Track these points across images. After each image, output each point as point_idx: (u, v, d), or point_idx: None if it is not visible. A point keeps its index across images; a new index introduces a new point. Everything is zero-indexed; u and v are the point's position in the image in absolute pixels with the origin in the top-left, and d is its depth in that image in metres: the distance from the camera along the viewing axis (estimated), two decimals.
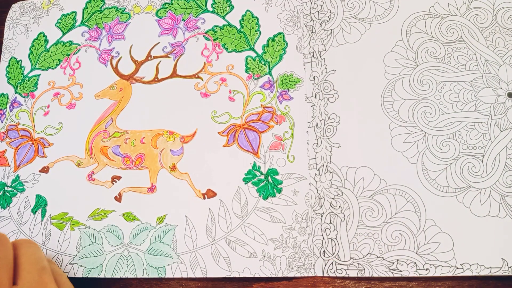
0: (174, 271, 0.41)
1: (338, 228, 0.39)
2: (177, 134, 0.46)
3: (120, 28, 0.51)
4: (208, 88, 0.47)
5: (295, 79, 0.45)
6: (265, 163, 0.43)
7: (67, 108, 0.49)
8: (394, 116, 0.42)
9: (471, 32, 0.43)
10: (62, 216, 0.45)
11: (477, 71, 0.42)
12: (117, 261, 0.42)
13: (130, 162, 0.46)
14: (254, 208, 0.41)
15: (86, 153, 0.47)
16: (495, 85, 0.41)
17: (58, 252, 0.44)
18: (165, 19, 0.51)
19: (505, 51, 0.42)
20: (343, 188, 0.40)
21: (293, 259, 0.39)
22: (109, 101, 0.49)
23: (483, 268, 0.37)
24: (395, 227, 0.39)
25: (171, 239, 0.42)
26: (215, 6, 0.50)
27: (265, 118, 0.44)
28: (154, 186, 0.44)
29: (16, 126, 0.50)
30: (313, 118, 0.43)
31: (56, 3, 0.55)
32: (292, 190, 0.41)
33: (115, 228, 0.44)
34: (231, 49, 0.48)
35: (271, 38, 0.47)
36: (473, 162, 0.39)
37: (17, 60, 0.53)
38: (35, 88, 0.51)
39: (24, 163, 0.48)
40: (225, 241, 0.41)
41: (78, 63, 0.51)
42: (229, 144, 0.44)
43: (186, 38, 0.49)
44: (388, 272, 0.38)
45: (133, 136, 0.47)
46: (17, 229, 0.46)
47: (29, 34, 0.54)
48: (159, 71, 0.49)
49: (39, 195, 0.46)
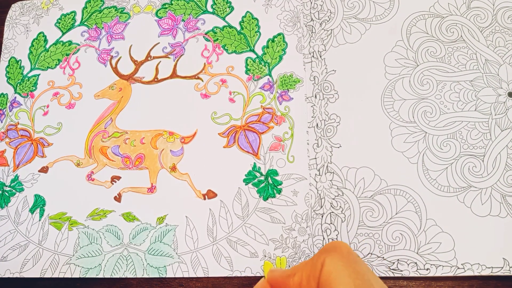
0: (175, 271, 0.41)
1: (339, 229, 0.39)
2: (177, 135, 0.46)
3: (119, 28, 0.51)
4: (208, 89, 0.47)
5: (295, 80, 0.45)
6: (265, 164, 0.43)
7: (66, 108, 0.49)
8: (395, 116, 0.42)
9: (471, 31, 0.43)
10: (61, 216, 0.45)
11: (478, 70, 0.42)
12: (116, 261, 0.42)
13: (129, 162, 0.46)
14: (255, 209, 0.41)
15: (85, 153, 0.47)
16: (495, 85, 0.41)
17: (54, 252, 0.44)
18: (165, 20, 0.51)
19: (505, 51, 0.42)
20: (344, 189, 0.40)
21: (293, 259, 0.39)
22: (108, 101, 0.49)
23: (484, 268, 0.37)
24: (396, 227, 0.39)
25: (171, 239, 0.42)
26: (215, 7, 0.50)
27: (265, 119, 0.44)
28: (154, 186, 0.44)
29: (15, 126, 0.50)
30: (313, 118, 0.43)
31: (55, 3, 0.55)
32: (292, 191, 0.41)
33: (115, 228, 0.44)
34: (231, 51, 0.48)
35: (270, 39, 0.47)
36: (474, 162, 0.39)
37: (16, 60, 0.53)
38: (35, 88, 0.51)
39: (24, 163, 0.48)
40: (227, 241, 0.41)
41: (77, 63, 0.51)
42: (230, 145, 0.44)
43: (186, 39, 0.49)
44: (389, 272, 0.38)
45: (132, 136, 0.47)
46: (14, 228, 0.46)
47: (29, 34, 0.54)
48: (159, 72, 0.49)
49: (37, 195, 0.46)
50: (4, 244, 0.45)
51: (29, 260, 0.44)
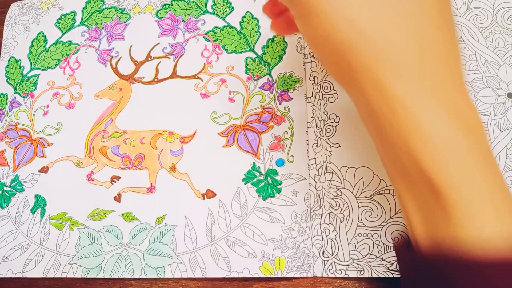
0: (173, 271, 0.41)
1: (338, 229, 0.39)
2: (176, 135, 0.46)
3: (119, 28, 0.51)
4: (208, 89, 0.47)
5: (295, 79, 0.45)
6: (264, 163, 0.43)
7: (66, 108, 0.49)
8: None
9: (470, 32, 0.43)
10: (61, 216, 0.45)
11: (477, 71, 0.42)
12: (115, 261, 0.42)
13: (129, 162, 0.46)
14: (254, 209, 0.41)
15: (85, 153, 0.47)
16: (495, 85, 0.41)
17: (56, 252, 0.44)
18: (165, 20, 0.51)
19: (505, 51, 0.42)
20: (343, 189, 0.40)
21: (292, 259, 0.39)
22: (108, 101, 0.49)
23: None
24: (395, 227, 0.39)
25: (170, 239, 0.42)
26: (215, 8, 0.50)
27: (265, 119, 0.44)
28: (154, 186, 0.44)
29: (15, 126, 0.50)
30: (313, 118, 0.43)
31: (55, 2, 0.55)
32: (291, 191, 0.41)
33: (114, 228, 0.44)
34: (231, 50, 0.48)
35: (270, 39, 0.47)
36: None
37: (16, 60, 0.53)
38: (35, 88, 0.51)
39: (24, 163, 0.48)
40: (225, 241, 0.41)
41: (77, 63, 0.51)
42: (229, 145, 0.44)
43: (186, 39, 0.49)
44: (388, 273, 0.38)
45: (132, 136, 0.47)
46: (16, 229, 0.46)
47: (29, 34, 0.54)
48: (159, 72, 0.49)
49: (38, 195, 0.46)
50: (6, 244, 0.45)
51: (31, 260, 0.44)
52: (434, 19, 0.22)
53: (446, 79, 0.22)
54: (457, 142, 0.21)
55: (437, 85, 0.22)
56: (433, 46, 0.22)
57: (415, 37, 0.21)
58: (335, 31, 0.22)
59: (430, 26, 0.22)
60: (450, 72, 0.22)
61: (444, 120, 0.21)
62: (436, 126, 0.21)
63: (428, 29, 0.22)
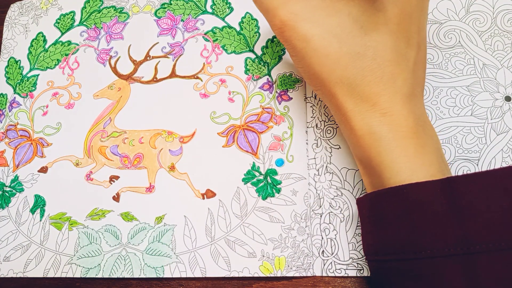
0: (173, 271, 0.41)
1: (338, 228, 0.39)
2: (176, 134, 0.46)
3: (118, 27, 0.51)
4: (208, 89, 0.47)
5: (294, 79, 0.45)
6: (264, 163, 0.43)
7: (65, 108, 0.49)
8: None
9: (469, 36, 0.43)
10: (61, 216, 0.45)
11: (475, 75, 0.42)
12: (114, 261, 0.42)
13: (128, 162, 0.46)
14: (253, 208, 0.42)
15: (84, 153, 0.47)
16: (492, 89, 0.41)
17: (56, 252, 0.44)
18: (164, 19, 0.51)
19: (504, 54, 0.42)
20: (343, 189, 0.40)
21: (292, 259, 0.39)
22: (107, 100, 0.49)
23: None
24: None
25: (169, 239, 0.42)
26: (214, 8, 0.50)
27: (264, 119, 0.44)
28: (153, 186, 0.45)
29: (15, 126, 0.50)
30: (313, 119, 0.43)
31: (54, 3, 0.55)
32: (291, 190, 0.42)
33: (113, 228, 0.44)
34: (230, 51, 0.48)
35: (270, 40, 0.47)
36: (468, 166, 0.39)
37: (16, 60, 0.53)
38: (34, 88, 0.51)
39: (23, 163, 0.48)
40: (225, 241, 0.41)
41: (76, 63, 0.51)
42: (229, 145, 0.44)
43: (185, 39, 0.49)
44: None
45: (131, 136, 0.47)
46: (16, 229, 0.46)
47: (28, 34, 0.54)
48: (158, 71, 0.49)
49: (37, 195, 0.46)
50: (7, 244, 0.45)
51: (32, 260, 0.44)
52: (360, 40, 0.31)
53: (378, 87, 0.31)
54: (382, 132, 0.30)
55: (367, 92, 0.31)
56: (363, 61, 0.31)
57: (347, 54, 0.31)
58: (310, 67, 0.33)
59: (356, 47, 0.31)
60: (384, 82, 0.31)
61: (372, 118, 0.31)
62: (366, 122, 0.31)
63: (355, 48, 0.31)
